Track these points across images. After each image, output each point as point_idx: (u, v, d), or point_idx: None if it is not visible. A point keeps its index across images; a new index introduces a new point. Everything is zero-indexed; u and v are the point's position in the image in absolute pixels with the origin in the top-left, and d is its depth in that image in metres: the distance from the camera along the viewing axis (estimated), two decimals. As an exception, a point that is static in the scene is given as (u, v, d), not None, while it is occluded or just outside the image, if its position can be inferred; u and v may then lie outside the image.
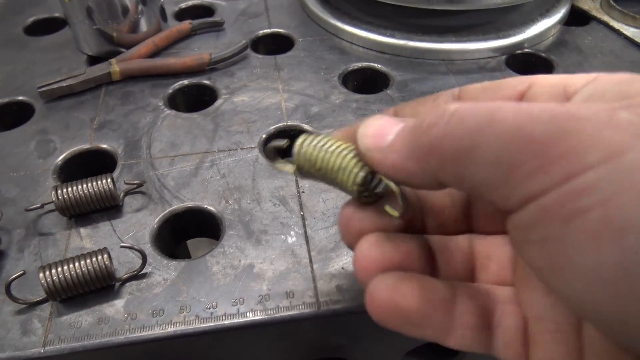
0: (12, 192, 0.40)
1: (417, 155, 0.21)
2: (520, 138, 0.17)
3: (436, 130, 0.20)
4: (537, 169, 0.17)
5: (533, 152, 0.17)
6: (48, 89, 0.49)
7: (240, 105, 0.49)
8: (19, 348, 0.31)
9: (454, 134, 0.19)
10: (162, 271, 0.35)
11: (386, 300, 0.23)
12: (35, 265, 0.35)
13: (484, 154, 0.18)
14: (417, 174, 0.21)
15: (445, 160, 0.19)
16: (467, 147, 0.18)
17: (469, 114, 0.19)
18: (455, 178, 0.19)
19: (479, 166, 0.18)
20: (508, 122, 0.18)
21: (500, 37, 0.55)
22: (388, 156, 0.22)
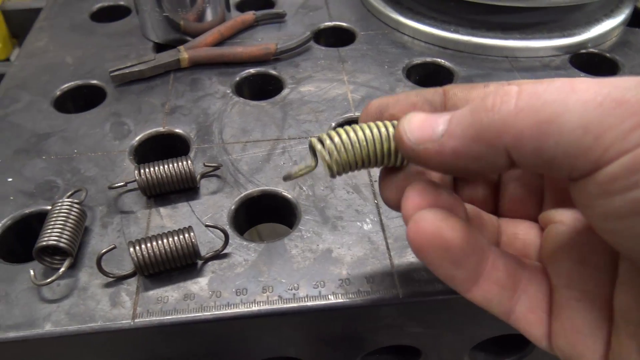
0: (92, 171, 0.42)
1: (486, 135, 0.20)
2: (609, 102, 0.18)
3: (507, 107, 0.20)
4: (634, 126, 0.17)
5: (627, 112, 0.17)
6: (120, 73, 0.50)
7: (307, 95, 0.49)
8: (109, 319, 0.32)
9: (532, 107, 0.19)
10: (242, 252, 0.36)
11: (432, 228, 0.23)
12: (119, 242, 0.36)
13: (570, 122, 0.18)
14: (485, 156, 0.21)
15: (523, 134, 0.19)
16: (548, 117, 0.18)
17: (543, 87, 0.19)
18: (533, 151, 0.19)
19: (563, 135, 0.18)
20: (592, 89, 0.18)
21: (564, 36, 0.55)
22: (446, 144, 0.22)
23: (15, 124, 0.46)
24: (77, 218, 0.35)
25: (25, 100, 0.49)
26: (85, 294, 0.33)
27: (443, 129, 0.22)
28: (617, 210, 0.18)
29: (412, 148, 0.23)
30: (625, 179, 0.18)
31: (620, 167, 0.18)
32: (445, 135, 0.22)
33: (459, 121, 0.21)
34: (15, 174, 0.41)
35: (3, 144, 0.44)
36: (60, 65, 0.54)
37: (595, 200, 0.19)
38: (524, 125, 0.19)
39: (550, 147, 0.19)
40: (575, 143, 0.18)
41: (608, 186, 0.18)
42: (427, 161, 0.23)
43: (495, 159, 0.21)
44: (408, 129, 0.23)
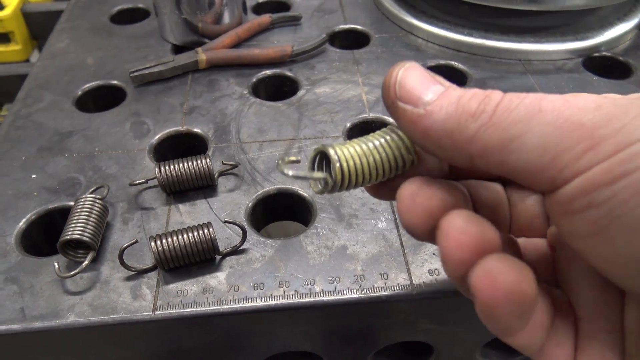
0: (113, 168, 0.43)
1: (457, 138, 0.21)
2: (568, 125, 0.19)
3: (482, 118, 0.20)
4: (586, 149, 0.18)
5: (582, 136, 0.18)
6: (140, 74, 0.51)
7: (322, 96, 0.50)
8: (130, 311, 0.33)
9: (501, 123, 0.20)
10: (259, 248, 0.37)
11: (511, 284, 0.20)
12: (139, 237, 0.37)
13: (531, 141, 0.19)
14: (449, 152, 0.21)
15: (488, 148, 0.20)
16: (513, 135, 0.19)
17: (515, 105, 0.20)
18: (496, 164, 0.20)
19: (523, 153, 0.19)
20: (555, 111, 0.19)
21: (577, 39, 0.55)
22: (423, 120, 0.21)
23: (39, 123, 0.47)
24: (99, 213, 0.36)
25: (47, 99, 0.50)
26: (108, 287, 0.34)
27: (429, 100, 0.22)
28: (578, 230, 0.19)
29: (393, 101, 0.23)
30: (581, 200, 0.19)
31: (575, 189, 0.19)
32: (427, 111, 0.21)
33: (442, 107, 0.21)
34: (39, 171, 0.42)
35: (27, 142, 0.45)
36: (81, 66, 0.55)
37: (560, 219, 0.20)
38: (490, 140, 0.20)
39: (510, 162, 0.20)
40: (533, 162, 0.19)
41: (567, 206, 0.19)
42: (399, 120, 0.23)
43: (457, 158, 0.21)
44: (400, 81, 0.23)
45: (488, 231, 0.22)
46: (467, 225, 0.21)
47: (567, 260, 0.25)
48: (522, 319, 0.21)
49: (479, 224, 0.22)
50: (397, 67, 0.23)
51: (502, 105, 0.20)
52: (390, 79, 0.23)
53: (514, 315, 0.20)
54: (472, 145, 0.20)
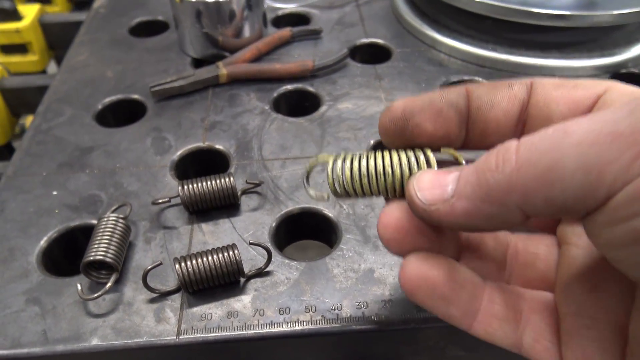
0: (135, 185, 0.42)
1: (495, 195, 0.20)
2: (604, 138, 0.18)
3: (509, 165, 0.20)
4: (634, 157, 0.17)
5: (624, 144, 0.17)
6: (160, 88, 0.51)
7: (345, 112, 0.50)
8: (154, 335, 0.32)
9: (529, 160, 0.19)
10: (284, 270, 0.36)
11: (416, 271, 0.24)
12: (162, 257, 0.37)
13: (568, 166, 0.18)
14: (496, 215, 0.21)
15: (529, 188, 0.19)
16: (548, 166, 0.19)
17: (538, 139, 0.19)
18: (544, 202, 0.19)
19: (565, 180, 0.18)
20: (584, 129, 0.18)
21: (604, 56, 0.54)
22: (457, 205, 0.22)
23: (59, 138, 0.47)
24: (122, 233, 0.36)
25: (68, 113, 0.50)
26: (131, 309, 0.34)
27: (452, 189, 0.22)
28: (620, 239, 0.19)
29: (424, 209, 0.23)
30: (628, 208, 0.18)
31: (624, 197, 0.18)
32: (455, 196, 0.22)
33: (466, 181, 0.22)
34: (60, 188, 0.42)
35: (48, 157, 0.45)
36: (101, 79, 0.55)
37: (601, 229, 0.19)
38: (527, 179, 0.19)
39: (558, 195, 0.19)
40: (580, 185, 0.18)
41: (612, 215, 0.18)
42: (440, 221, 0.23)
43: (508, 217, 0.21)
44: (419, 190, 0.23)
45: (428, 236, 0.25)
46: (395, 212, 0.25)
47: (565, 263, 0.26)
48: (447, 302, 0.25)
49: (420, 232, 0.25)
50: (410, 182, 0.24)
51: (522, 146, 0.20)
52: (410, 194, 0.24)
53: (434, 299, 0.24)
54: (512, 195, 0.20)
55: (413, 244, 0.25)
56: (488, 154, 0.21)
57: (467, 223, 0.22)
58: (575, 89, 0.25)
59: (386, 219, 0.26)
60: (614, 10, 0.51)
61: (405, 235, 0.25)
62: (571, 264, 0.26)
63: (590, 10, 0.51)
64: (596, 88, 0.25)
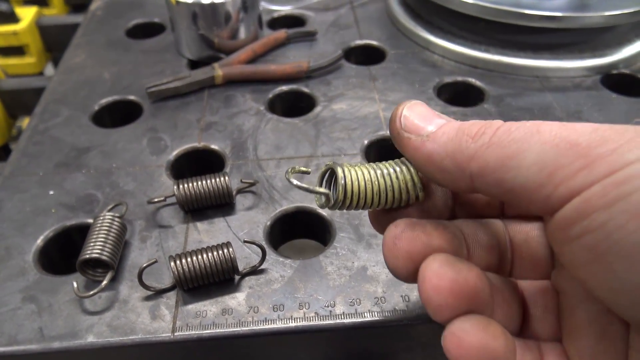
0: (131, 185, 0.42)
1: (458, 158, 0.22)
2: (565, 144, 0.19)
3: (483, 140, 0.22)
4: (581, 167, 0.19)
5: (577, 154, 0.19)
6: (157, 89, 0.51)
7: (339, 112, 0.50)
8: (149, 332, 0.33)
9: (500, 143, 0.21)
10: (278, 268, 0.36)
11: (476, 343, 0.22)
12: (158, 256, 0.37)
13: (529, 158, 0.20)
14: (451, 173, 0.23)
15: (488, 166, 0.21)
16: (512, 153, 0.20)
17: (515, 127, 0.21)
18: (495, 183, 0.21)
19: (522, 169, 0.20)
20: (553, 132, 0.20)
21: (595, 57, 0.55)
22: (426, 144, 0.23)
23: (56, 138, 0.47)
24: (118, 232, 0.36)
25: (64, 114, 0.50)
26: (126, 307, 0.34)
27: (430, 130, 0.24)
28: (578, 258, 0.20)
29: (398, 132, 0.25)
30: (578, 224, 0.19)
31: (572, 211, 0.19)
32: (430, 136, 0.23)
33: (445, 131, 0.23)
34: (57, 187, 0.42)
35: (44, 157, 0.45)
36: (97, 80, 0.55)
37: (561, 248, 0.21)
38: (490, 158, 0.21)
39: (509, 180, 0.20)
40: (531, 178, 0.20)
41: (566, 232, 0.19)
42: (404, 148, 0.24)
43: (458, 179, 0.22)
44: (404, 114, 0.25)
45: (467, 274, 0.23)
46: (442, 269, 0.23)
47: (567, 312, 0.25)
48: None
49: (455, 268, 0.23)
50: (403, 103, 0.25)
51: (502, 128, 0.21)
52: (397, 113, 0.25)
53: None
54: (472, 163, 0.22)
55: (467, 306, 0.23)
56: (474, 122, 0.23)
57: (425, 165, 0.24)
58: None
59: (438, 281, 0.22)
60: (606, 11, 0.52)
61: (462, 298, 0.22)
62: (573, 313, 0.24)
63: (581, 11, 0.52)
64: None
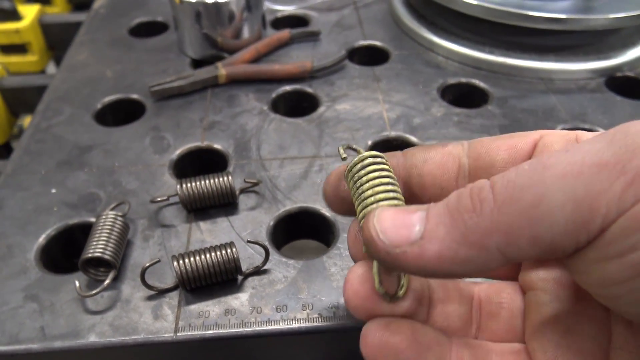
0: (133, 184, 0.42)
1: (474, 238, 0.19)
2: (589, 169, 0.17)
3: (489, 205, 0.18)
4: (625, 186, 0.17)
5: (612, 174, 0.17)
6: (160, 88, 0.51)
7: (343, 113, 0.50)
8: (152, 332, 0.32)
9: (511, 198, 0.18)
10: (282, 268, 0.36)
11: (378, 341, 0.23)
12: (160, 255, 0.37)
13: (557, 199, 0.17)
14: (474, 259, 0.19)
15: (513, 228, 0.18)
16: (533, 202, 0.18)
17: (514, 175, 0.18)
18: (528, 241, 0.18)
19: (554, 214, 0.17)
20: (564, 162, 0.18)
21: (600, 59, 0.55)
22: (428, 247, 0.19)
23: (58, 136, 0.47)
24: (120, 231, 0.36)
25: (67, 112, 0.50)
26: (128, 307, 0.34)
27: (421, 230, 0.20)
28: (616, 275, 0.18)
29: (388, 252, 0.20)
30: (623, 242, 0.17)
31: (619, 230, 0.17)
32: (426, 237, 0.19)
33: (438, 222, 0.20)
34: (59, 186, 0.42)
35: (47, 155, 0.45)
36: (100, 79, 0.55)
37: (591, 266, 0.19)
38: (510, 218, 0.18)
39: (544, 232, 0.18)
40: (571, 218, 0.17)
41: (605, 250, 0.18)
42: (406, 266, 0.20)
43: (486, 260, 0.19)
44: (380, 230, 0.20)
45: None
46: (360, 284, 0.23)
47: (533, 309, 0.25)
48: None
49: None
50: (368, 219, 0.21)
51: (498, 183, 0.19)
52: (370, 234, 0.21)
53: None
54: (494, 235, 0.18)
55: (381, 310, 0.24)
56: (459, 193, 0.20)
57: (439, 268, 0.20)
58: (511, 138, 0.25)
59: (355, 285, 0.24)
60: (610, 14, 0.51)
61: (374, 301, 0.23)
62: (540, 310, 0.24)
63: (586, 14, 0.52)
64: (531, 136, 0.25)
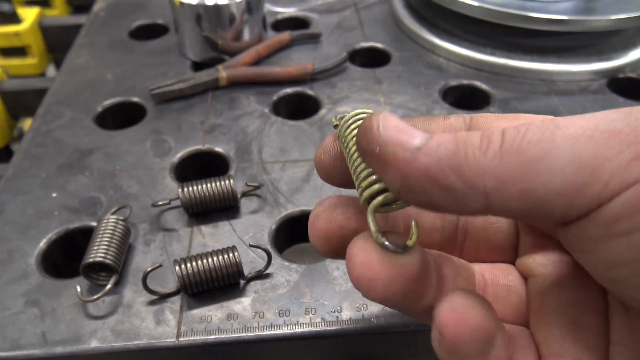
0: (134, 188, 0.42)
1: (467, 173, 0.18)
2: (600, 135, 0.17)
3: (493, 148, 0.18)
4: (634, 157, 0.16)
5: (623, 143, 0.16)
6: (160, 91, 0.51)
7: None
8: (154, 337, 0.32)
9: (516, 147, 0.17)
10: (284, 272, 0.36)
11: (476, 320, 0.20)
12: (162, 259, 0.37)
13: (561, 158, 0.17)
14: (457, 192, 0.18)
15: (508, 175, 0.17)
16: (536, 157, 0.17)
17: (525, 129, 0.18)
18: (519, 194, 0.17)
19: (555, 173, 0.17)
20: (577, 125, 0.17)
21: (602, 60, 0.55)
22: (421, 159, 0.18)
23: (59, 140, 0.47)
24: (122, 235, 0.36)
25: (67, 116, 0.50)
26: (130, 311, 0.34)
27: (421, 142, 0.19)
28: (621, 256, 0.17)
29: (380, 145, 0.19)
30: (630, 218, 0.16)
31: (624, 204, 0.16)
32: (423, 150, 0.18)
33: (441, 143, 0.19)
34: (60, 190, 0.42)
35: (47, 159, 0.45)
36: (100, 82, 0.55)
37: (595, 245, 0.18)
38: (509, 166, 0.17)
39: (539, 187, 0.17)
40: (570, 179, 0.17)
41: (610, 228, 0.17)
42: (387, 165, 0.19)
43: (468, 198, 0.18)
44: (382, 125, 0.19)
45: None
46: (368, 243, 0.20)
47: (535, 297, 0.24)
48: (483, 355, 0.20)
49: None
50: (373, 117, 0.20)
51: (508, 133, 0.18)
52: (370, 124, 0.20)
53: (477, 352, 0.20)
54: (486, 177, 0.18)
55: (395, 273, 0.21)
56: (470, 132, 0.19)
57: (420, 183, 0.18)
58: (516, 120, 0.24)
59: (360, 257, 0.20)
60: (612, 15, 0.51)
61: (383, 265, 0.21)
62: (543, 298, 0.23)
63: (588, 15, 0.52)
64: (537, 118, 0.24)
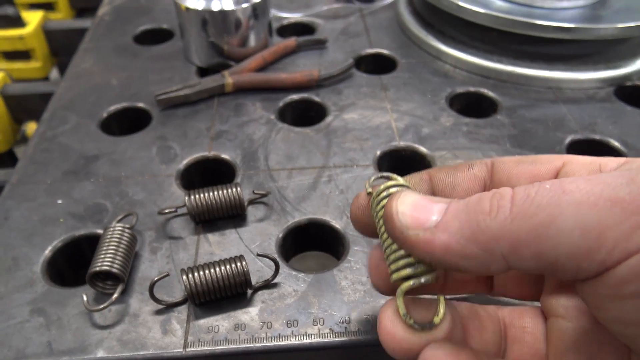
0: (140, 195, 0.42)
1: (482, 239, 0.20)
2: (604, 202, 0.18)
3: (504, 213, 0.19)
4: (635, 226, 0.17)
5: (625, 212, 0.17)
6: (166, 97, 0.51)
7: (351, 122, 0.50)
8: (161, 347, 0.32)
9: (526, 212, 0.19)
10: (291, 282, 0.36)
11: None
12: (168, 268, 0.36)
13: (568, 223, 0.18)
14: (478, 259, 0.20)
15: (520, 240, 0.19)
16: (545, 221, 0.18)
17: (534, 191, 0.19)
18: (532, 256, 0.19)
19: (562, 237, 0.18)
20: (582, 190, 0.18)
21: (609, 68, 0.54)
22: (439, 236, 0.21)
23: (64, 145, 0.47)
24: (128, 243, 0.36)
25: (72, 121, 0.50)
26: (137, 321, 0.33)
27: (437, 220, 0.21)
28: (631, 316, 0.18)
29: (402, 231, 0.22)
30: (635, 282, 0.17)
31: (629, 270, 0.17)
32: (440, 226, 0.21)
33: (455, 216, 0.21)
34: (65, 196, 0.42)
35: (52, 165, 0.45)
36: (105, 87, 0.55)
37: (607, 303, 0.19)
38: (520, 230, 0.19)
39: (549, 250, 0.18)
40: (577, 244, 0.18)
41: (618, 290, 0.18)
42: (415, 249, 0.22)
43: (489, 262, 0.20)
44: (400, 211, 0.22)
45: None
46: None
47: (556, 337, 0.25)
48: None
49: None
50: (392, 199, 0.23)
51: (518, 196, 0.20)
52: (391, 212, 0.22)
53: None
54: (501, 242, 0.19)
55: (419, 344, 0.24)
56: (481, 196, 0.21)
57: (444, 258, 0.21)
58: (534, 165, 0.26)
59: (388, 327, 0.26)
60: (619, 23, 0.51)
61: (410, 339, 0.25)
62: (563, 337, 0.24)
63: (595, 23, 0.51)
64: (554, 162, 0.25)
